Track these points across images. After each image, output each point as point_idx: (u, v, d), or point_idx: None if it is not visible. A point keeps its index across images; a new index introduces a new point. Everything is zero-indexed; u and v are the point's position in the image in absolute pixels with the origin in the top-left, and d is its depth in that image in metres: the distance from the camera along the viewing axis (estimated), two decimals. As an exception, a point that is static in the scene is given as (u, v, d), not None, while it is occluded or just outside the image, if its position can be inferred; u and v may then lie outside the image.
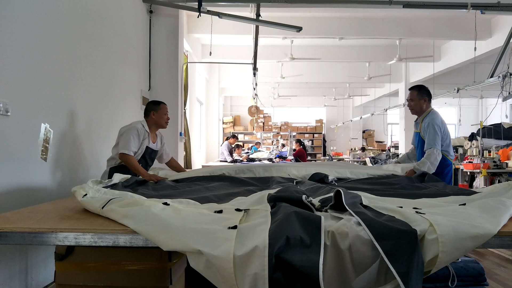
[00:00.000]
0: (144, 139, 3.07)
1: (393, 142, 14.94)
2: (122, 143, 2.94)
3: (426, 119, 3.26)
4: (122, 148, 2.91)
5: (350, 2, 5.42)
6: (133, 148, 2.94)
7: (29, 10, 2.59)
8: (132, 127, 2.99)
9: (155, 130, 3.24)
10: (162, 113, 3.18)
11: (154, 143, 3.22)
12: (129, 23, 4.54)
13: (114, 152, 3.05)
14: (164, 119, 3.21)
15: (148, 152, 3.15)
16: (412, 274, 1.06)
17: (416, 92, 3.36)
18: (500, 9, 5.08)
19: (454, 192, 2.04)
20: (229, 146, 9.21)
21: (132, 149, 2.93)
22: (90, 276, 1.66)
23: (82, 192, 1.76)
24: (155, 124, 3.19)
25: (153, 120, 3.17)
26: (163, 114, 3.19)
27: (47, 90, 2.79)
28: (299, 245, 1.13)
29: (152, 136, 3.20)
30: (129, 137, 2.93)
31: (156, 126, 3.21)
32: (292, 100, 14.80)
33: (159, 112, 3.17)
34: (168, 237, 1.22)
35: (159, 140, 3.33)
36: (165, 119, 3.22)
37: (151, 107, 3.19)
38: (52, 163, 2.85)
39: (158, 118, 3.17)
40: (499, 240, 1.26)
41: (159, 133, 3.33)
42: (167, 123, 3.26)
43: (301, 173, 2.86)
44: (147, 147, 3.11)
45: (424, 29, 7.26)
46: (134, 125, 3.03)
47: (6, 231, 1.35)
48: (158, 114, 3.17)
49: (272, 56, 8.90)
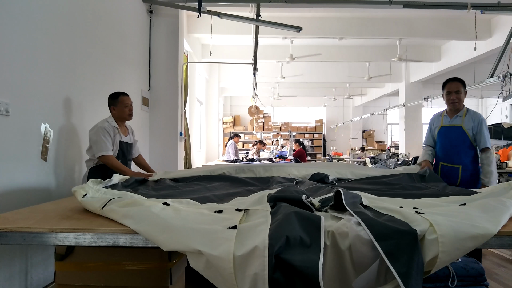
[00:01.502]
0: (115, 134, 3.00)
1: (393, 142, 14.94)
2: (96, 147, 2.89)
3: (474, 115, 3.10)
4: (99, 151, 2.87)
5: (350, 2, 5.42)
6: (109, 147, 2.91)
7: (29, 10, 2.58)
8: (99, 128, 2.93)
9: (122, 123, 3.15)
10: (122, 106, 3.07)
11: (126, 136, 3.17)
12: (129, 23, 4.54)
13: (90, 154, 3.00)
14: (125, 111, 3.09)
15: (123, 146, 3.09)
16: (412, 274, 1.06)
17: (462, 84, 3.11)
18: (500, 9, 5.08)
19: (454, 192, 2.04)
20: (235, 145, 9.25)
21: (109, 148, 2.90)
22: (90, 276, 1.66)
23: (82, 192, 1.76)
24: (119, 118, 3.09)
25: (115, 114, 3.08)
26: (123, 107, 3.07)
27: (47, 90, 2.79)
28: (299, 245, 1.13)
29: (122, 130, 3.12)
30: (100, 139, 2.88)
31: (120, 119, 3.11)
32: (292, 100, 14.80)
33: (118, 105, 3.07)
34: (168, 237, 1.22)
35: (131, 133, 3.28)
36: (126, 111, 3.09)
37: (110, 102, 3.10)
38: (52, 163, 2.85)
39: (118, 111, 3.07)
40: (499, 240, 1.26)
41: (129, 126, 3.27)
42: (131, 115, 3.14)
43: (301, 173, 2.86)
44: (121, 141, 3.05)
45: (424, 29, 7.26)
46: (100, 125, 2.96)
47: (6, 231, 1.35)
48: (117, 108, 3.07)
49: (272, 56, 8.90)
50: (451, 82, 3.15)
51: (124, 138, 3.12)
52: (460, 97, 3.11)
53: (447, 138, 3.19)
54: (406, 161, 9.07)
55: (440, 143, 3.24)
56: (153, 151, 5.32)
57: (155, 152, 5.32)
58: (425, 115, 11.55)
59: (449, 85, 3.15)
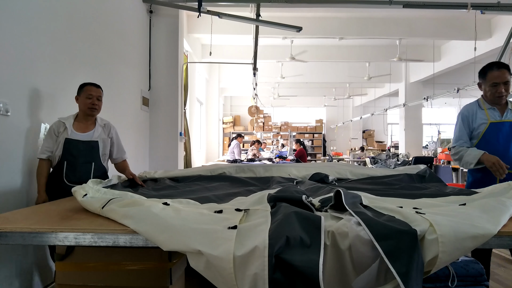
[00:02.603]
0: (63, 131, 2.54)
1: (393, 142, 14.95)
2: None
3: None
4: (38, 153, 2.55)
5: (350, 2, 5.42)
6: (44, 150, 2.51)
7: (29, 10, 2.59)
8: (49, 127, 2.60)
9: (86, 118, 2.66)
10: (84, 97, 2.62)
11: (84, 133, 2.62)
12: (129, 23, 4.54)
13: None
14: (86, 103, 2.61)
15: (72, 145, 2.53)
16: (412, 274, 1.06)
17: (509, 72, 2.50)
18: (500, 9, 5.08)
19: (454, 192, 2.04)
20: (239, 145, 9.27)
21: (43, 151, 2.51)
22: (90, 276, 1.66)
23: (82, 192, 1.76)
24: (82, 110, 2.66)
25: (79, 106, 2.67)
26: (84, 98, 2.62)
27: (47, 90, 2.80)
28: (299, 245, 1.12)
29: (82, 126, 2.64)
30: (44, 140, 2.57)
31: (82, 112, 2.66)
32: (292, 100, 14.80)
33: (81, 95, 2.63)
34: (168, 237, 1.22)
35: (101, 130, 2.71)
36: (87, 103, 2.61)
37: (77, 92, 2.69)
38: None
39: (80, 102, 2.65)
40: (499, 240, 1.26)
41: (106, 123, 2.77)
42: (93, 109, 2.64)
43: (302, 173, 2.86)
44: (68, 139, 2.52)
45: (424, 29, 7.26)
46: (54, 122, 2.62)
47: (6, 231, 1.35)
48: (80, 98, 2.64)
49: (272, 56, 8.91)
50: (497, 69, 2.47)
51: (78, 135, 2.58)
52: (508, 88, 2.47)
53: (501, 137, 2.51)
54: (406, 161, 9.07)
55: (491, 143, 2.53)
56: (153, 151, 5.32)
57: (155, 152, 5.32)
58: (425, 115, 11.56)
59: (497, 74, 2.47)
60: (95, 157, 2.63)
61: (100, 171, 2.65)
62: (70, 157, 2.52)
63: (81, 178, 2.44)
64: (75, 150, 2.54)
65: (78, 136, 2.57)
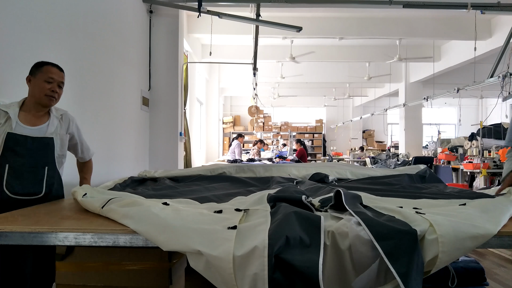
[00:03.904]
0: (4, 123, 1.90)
1: (393, 142, 14.93)
2: None
3: None
4: None
5: (350, 2, 5.42)
6: None
7: (29, 10, 2.58)
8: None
9: (37, 107, 2.01)
10: (42, 79, 1.97)
11: (35, 127, 1.99)
12: (129, 23, 4.54)
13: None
14: (44, 88, 1.96)
15: (17, 142, 1.90)
16: (412, 274, 1.06)
17: None
18: (500, 9, 5.08)
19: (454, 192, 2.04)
20: (240, 145, 9.27)
21: None
22: (90, 276, 1.66)
23: (82, 192, 1.76)
24: (34, 96, 1.98)
25: (30, 91, 2.00)
26: (42, 81, 1.97)
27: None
28: (299, 245, 1.12)
29: (31, 117, 1.99)
30: None
31: (34, 100, 1.99)
32: (292, 100, 14.80)
33: (38, 77, 1.97)
34: (168, 237, 1.22)
35: (57, 124, 2.09)
36: (45, 88, 1.96)
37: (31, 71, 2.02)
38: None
39: (34, 86, 1.98)
40: (499, 240, 1.26)
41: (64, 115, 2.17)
42: (52, 97, 2.00)
43: (301, 173, 2.87)
44: (10, 133, 1.88)
45: (424, 29, 7.26)
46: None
47: (6, 231, 1.35)
48: (35, 81, 1.98)
49: (272, 56, 8.91)
50: None
51: (26, 128, 1.95)
52: None
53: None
54: (406, 161, 9.07)
55: None
56: (153, 151, 5.32)
57: (155, 152, 5.32)
58: (425, 115, 11.56)
59: None
60: (49, 160, 2.00)
61: (54, 178, 2.04)
62: (13, 158, 1.88)
63: (28, 189, 1.91)
64: (21, 149, 1.90)
65: (26, 131, 1.94)
